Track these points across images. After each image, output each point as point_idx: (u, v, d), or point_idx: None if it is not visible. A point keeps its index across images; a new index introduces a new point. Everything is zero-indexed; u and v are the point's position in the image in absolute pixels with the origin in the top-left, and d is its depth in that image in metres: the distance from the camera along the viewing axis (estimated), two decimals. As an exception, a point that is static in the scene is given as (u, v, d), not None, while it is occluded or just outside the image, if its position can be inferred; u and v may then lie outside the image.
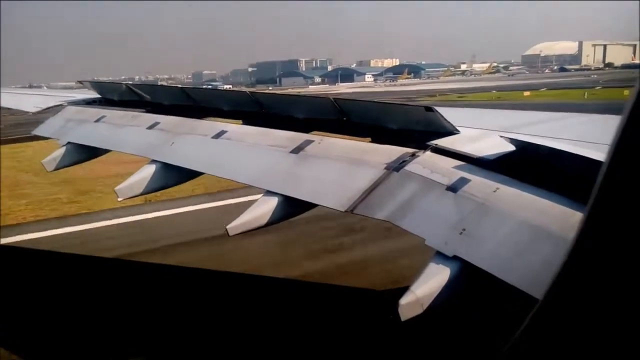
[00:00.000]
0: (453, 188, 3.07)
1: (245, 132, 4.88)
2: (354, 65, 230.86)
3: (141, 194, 4.93)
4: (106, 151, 5.97)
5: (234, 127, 5.04)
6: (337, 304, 8.47)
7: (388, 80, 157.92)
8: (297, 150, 4.16)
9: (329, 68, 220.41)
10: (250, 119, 5.19)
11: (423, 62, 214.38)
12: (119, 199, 4.91)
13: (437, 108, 3.70)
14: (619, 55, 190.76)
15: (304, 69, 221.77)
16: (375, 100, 4.64)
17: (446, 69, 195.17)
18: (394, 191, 3.32)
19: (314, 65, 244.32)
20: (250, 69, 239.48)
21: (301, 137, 4.34)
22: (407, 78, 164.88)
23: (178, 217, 14.02)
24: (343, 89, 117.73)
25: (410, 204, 3.16)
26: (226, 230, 3.70)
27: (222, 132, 4.92)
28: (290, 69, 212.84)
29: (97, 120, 6.29)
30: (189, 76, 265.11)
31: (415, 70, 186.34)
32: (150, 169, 4.88)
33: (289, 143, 4.29)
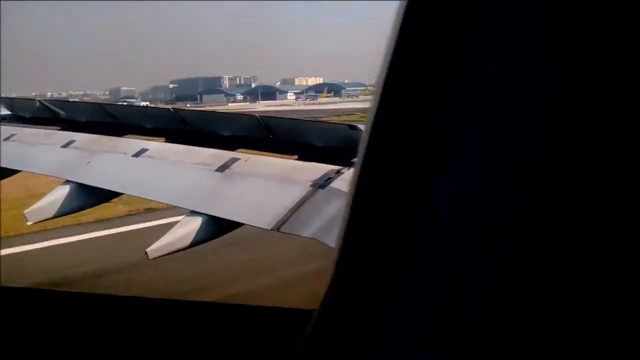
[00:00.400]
0: None
1: (167, 150, 4.75)
2: (279, 83, 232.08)
3: (53, 217, 4.63)
4: (15, 172, 5.61)
5: (155, 145, 4.89)
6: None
7: (308, 99, 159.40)
8: (222, 168, 4.09)
9: (253, 85, 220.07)
10: (174, 137, 5.07)
11: (346, 81, 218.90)
12: (29, 223, 4.60)
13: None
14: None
15: (227, 86, 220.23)
16: (301, 118, 4.70)
17: (365, 88, 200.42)
18: (319, 208, 3.34)
19: (237, 82, 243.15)
20: (171, 86, 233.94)
21: (227, 155, 4.27)
22: (327, 97, 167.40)
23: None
24: (261, 107, 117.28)
25: (335, 221, 3.19)
26: (146, 253, 3.57)
27: (143, 150, 4.75)
28: (213, 85, 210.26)
29: (7, 139, 5.91)
30: (107, 92, 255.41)
31: (335, 89, 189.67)
32: (64, 190, 4.58)
33: (214, 161, 4.22)
